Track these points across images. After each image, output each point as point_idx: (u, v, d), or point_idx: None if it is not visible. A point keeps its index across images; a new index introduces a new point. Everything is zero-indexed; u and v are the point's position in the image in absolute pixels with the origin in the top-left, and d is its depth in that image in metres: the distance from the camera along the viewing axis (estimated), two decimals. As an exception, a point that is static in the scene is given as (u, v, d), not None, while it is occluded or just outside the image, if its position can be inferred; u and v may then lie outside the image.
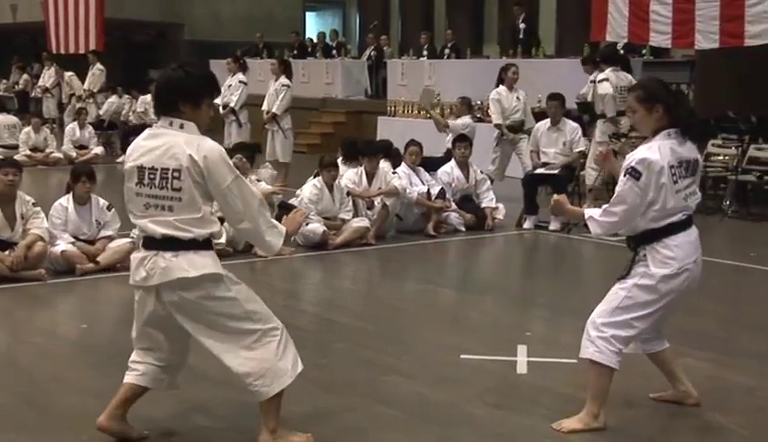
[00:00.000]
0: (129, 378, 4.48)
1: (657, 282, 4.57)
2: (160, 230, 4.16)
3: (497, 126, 12.51)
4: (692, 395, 5.04)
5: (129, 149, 4.29)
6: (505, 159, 12.55)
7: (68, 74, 20.37)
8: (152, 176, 4.12)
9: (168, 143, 4.11)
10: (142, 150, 4.18)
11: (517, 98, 12.51)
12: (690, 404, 5.01)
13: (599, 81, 11.42)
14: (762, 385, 5.49)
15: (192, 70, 4.26)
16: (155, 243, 4.21)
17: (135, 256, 4.33)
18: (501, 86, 12.58)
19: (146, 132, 4.28)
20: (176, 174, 4.08)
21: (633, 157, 4.57)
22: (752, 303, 7.62)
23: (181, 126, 4.15)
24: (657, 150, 4.54)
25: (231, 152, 9.65)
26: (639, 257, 4.64)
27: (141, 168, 4.15)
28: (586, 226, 4.88)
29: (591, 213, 4.72)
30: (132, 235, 8.92)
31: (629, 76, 11.62)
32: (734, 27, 12.27)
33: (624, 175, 4.54)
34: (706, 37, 12.61)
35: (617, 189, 4.60)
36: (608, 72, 11.50)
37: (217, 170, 4.11)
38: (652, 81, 4.87)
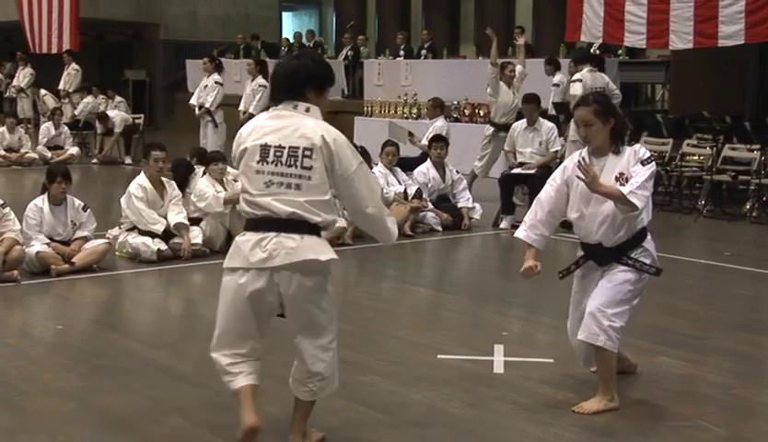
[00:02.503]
0: (243, 381, 4.28)
1: (656, 273, 5.00)
2: (287, 209, 4.05)
3: (492, 123, 12.52)
4: (633, 364, 5.55)
5: (245, 130, 4.22)
6: (494, 156, 12.48)
7: (42, 92, 20.22)
8: (278, 153, 4.07)
9: (294, 124, 4.10)
10: (265, 130, 4.13)
11: (515, 95, 12.49)
12: (630, 372, 5.49)
13: (571, 81, 11.46)
14: (735, 383, 5.53)
15: (318, 58, 4.34)
16: (277, 224, 4.06)
17: (245, 239, 4.12)
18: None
19: (266, 113, 4.25)
20: (307, 153, 4.05)
21: (642, 151, 4.89)
22: (727, 302, 7.67)
23: (307, 110, 4.15)
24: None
25: (208, 158, 9.62)
26: (640, 252, 4.96)
27: (265, 146, 4.09)
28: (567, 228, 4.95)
29: (628, 191, 4.77)
30: (107, 235, 8.91)
31: (606, 77, 11.67)
32: (708, 27, 12.37)
33: (646, 164, 4.82)
34: (680, 37, 12.70)
35: (642, 173, 4.79)
36: (584, 73, 11.53)
37: (346, 155, 4.13)
38: (602, 96, 5.17)
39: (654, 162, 4.90)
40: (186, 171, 9.57)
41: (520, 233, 5.14)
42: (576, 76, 11.45)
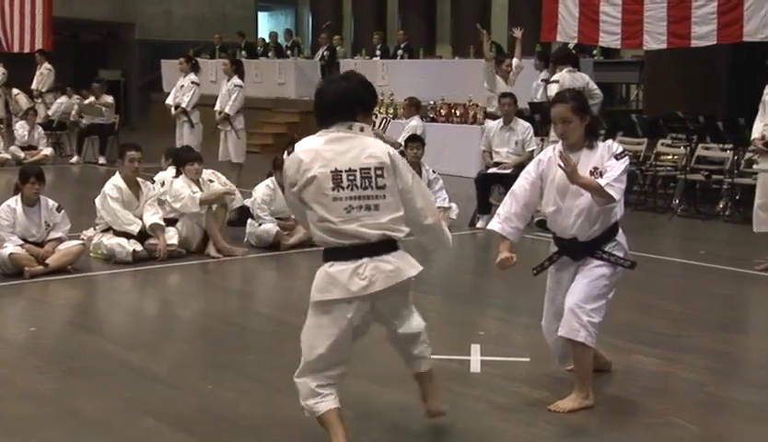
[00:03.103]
0: (332, 403, 4.26)
1: (629, 266, 5.03)
2: (376, 232, 4.13)
3: (493, 117, 12.51)
4: (608, 362, 5.57)
5: (305, 156, 4.16)
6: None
7: (15, 91, 20.05)
8: (351, 177, 4.11)
9: (358, 145, 4.17)
10: (329, 155, 4.13)
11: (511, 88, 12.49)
12: (606, 370, 5.52)
13: (550, 82, 11.50)
14: (710, 380, 5.56)
15: (365, 80, 4.40)
16: (368, 248, 4.13)
17: (340, 268, 4.14)
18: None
19: (321, 138, 4.21)
20: (378, 172, 4.14)
21: (615, 146, 4.98)
22: (701, 300, 7.72)
23: (362, 129, 4.22)
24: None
25: (184, 158, 9.57)
26: (613, 246, 5.00)
27: (336, 172, 4.10)
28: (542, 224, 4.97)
29: (605, 182, 4.83)
30: (82, 236, 8.85)
31: (585, 77, 11.74)
32: (681, 28, 12.45)
33: (620, 158, 4.89)
34: (654, 38, 12.78)
35: (617, 167, 4.86)
36: (563, 73, 11.60)
37: (404, 169, 4.28)
38: (579, 93, 5.24)
39: (627, 156, 4.97)
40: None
41: (495, 225, 5.13)
42: (555, 77, 11.51)
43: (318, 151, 4.15)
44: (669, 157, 12.55)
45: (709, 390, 5.41)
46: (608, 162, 4.89)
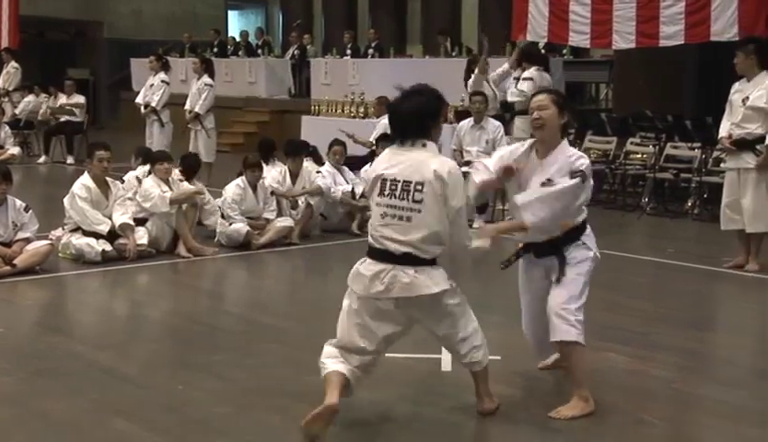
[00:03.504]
0: (342, 368, 4.54)
1: (597, 262, 5.06)
2: (399, 248, 4.41)
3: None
4: None
5: (376, 162, 4.68)
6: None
7: None
8: (393, 187, 4.40)
9: (414, 158, 4.41)
10: (386, 164, 4.48)
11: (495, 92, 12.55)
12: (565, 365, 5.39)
13: (523, 79, 11.53)
14: (679, 377, 5.61)
15: (433, 93, 4.53)
16: (393, 257, 4.46)
17: (367, 268, 4.49)
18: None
19: (395, 147, 4.52)
20: (419, 187, 4.35)
21: (580, 162, 4.83)
22: (670, 298, 7.78)
23: (424, 145, 4.43)
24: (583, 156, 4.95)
25: (154, 157, 9.52)
26: (580, 244, 4.99)
27: (384, 179, 4.44)
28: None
29: (526, 220, 4.77)
30: (50, 237, 8.77)
31: (549, 79, 11.84)
32: (649, 27, 12.53)
33: (574, 178, 4.77)
34: (623, 37, 12.85)
35: (562, 187, 4.76)
36: (533, 71, 11.68)
37: (454, 194, 4.40)
38: (560, 92, 5.32)
39: (583, 176, 4.79)
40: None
41: (478, 178, 4.98)
42: (526, 75, 11.58)
43: (387, 157, 4.50)
44: (639, 155, 12.64)
45: (679, 388, 5.45)
46: (561, 178, 4.80)
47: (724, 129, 8.51)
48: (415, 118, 4.44)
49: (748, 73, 8.28)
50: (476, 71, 12.07)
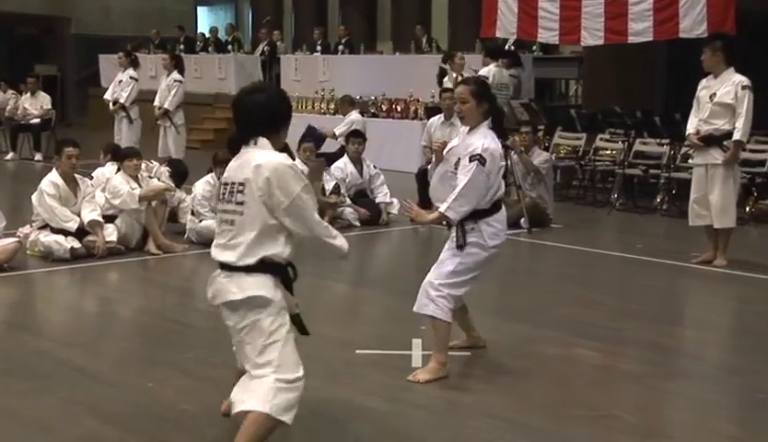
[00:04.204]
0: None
1: (487, 250, 5.27)
2: (220, 254, 4.18)
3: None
4: (482, 339, 5.87)
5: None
6: None
7: None
8: (223, 191, 4.10)
9: (249, 158, 4.02)
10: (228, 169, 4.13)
11: None
12: (480, 346, 5.84)
13: (480, 74, 11.58)
14: (649, 372, 5.65)
15: (272, 90, 4.31)
16: (221, 263, 4.18)
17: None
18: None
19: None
20: (240, 187, 3.99)
21: (475, 146, 5.17)
22: (639, 293, 7.83)
23: (255, 143, 4.04)
24: (493, 140, 5.24)
25: (123, 154, 9.47)
26: (469, 230, 5.23)
27: (222, 184, 4.15)
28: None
29: (444, 208, 5.18)
30: (18, 234, 8.70)
31: (506, 74, 12.05)
32: (617, 24, 12.62)
33: (471, 162, 5.13)
34: (592, 34, 12.94)
35: (464, 176, 5.13)
36: (491, 67, 11.81)
37: (282, 188, 3.97)
38: (481, 80, 5.60)
39: (480, 159, 5.11)
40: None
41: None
42: (482, 71, 11.68)
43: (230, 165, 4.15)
44: (608, 151, 12.73)
45: (649, 383, 5.49)
46: (463, 160, 5.19)
47: (691, 125, 8.57)
48: (253, 115, 4.04)
49: (715, 69, 8.35)
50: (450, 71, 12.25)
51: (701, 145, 8.45)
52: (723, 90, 8.26)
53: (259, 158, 3.95)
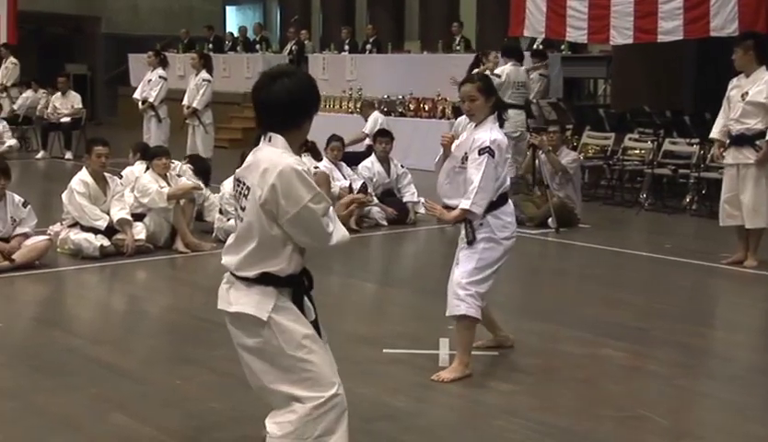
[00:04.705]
0: None
1: (501, 243, 5.32)
2: (226, 260, 3.72)
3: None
4: (510, 338, 5.88)
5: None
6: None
7: None
8: (238, 188, 3.68)
9: (260, 155, 3.62)
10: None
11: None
12: (508, 346, 5.84)
13: (492, 74, 11.55)
14: (677, 373, 5.61)
15: (299, 75, 3.70)
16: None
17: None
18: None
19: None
20: (246, 191, 3.61)
21: (483, 139, 5.23)
22: (668, 293, 7.78)
23: (270, 139, 3.61)
24: (499, 132, 5.32)
25: (152, 153, 9.52)
26: (478, 225, 5.27)
27: (235, 179, 3.72)
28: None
29: (467, 205, 5.21)
30: (49, 232, 8.77)
31: (524, 73, 12.10)
32: (647, 23, 12.53)
33: (480, 155, 5.20)
34: (621, 33, 12.85)
35: (476, 169, 5.18)
36: (507, 66, 11.82)
37: (287, 197, 3.52)
38: (483, 75, 5.63)
39: (489, 152, 5.18)
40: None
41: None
42: (497, 71, 11.67)
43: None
44: (637, 151, 12.65)
45: (678, 384, 5.45)
46: (471, 155, 5.24)
47: (717, 126, 8.52)
48: (276, 104, 3.57)
49: (746, 68, 8.28)
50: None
51: (722, 158, 8.46)
52: (755, 89, 8.19)
53: (266, 161, 3.52)
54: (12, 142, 17.06)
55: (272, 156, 3.54)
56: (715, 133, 8.60)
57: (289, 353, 3.56)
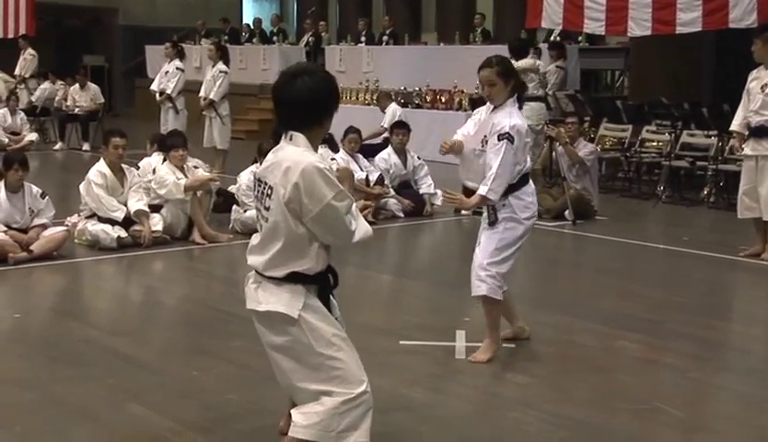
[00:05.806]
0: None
1: (522, 223, 5.36)
2: (253, 260, 3.80)
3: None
4: (527, 330, 5.88)
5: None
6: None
7: None
8: (259, 187, 3.69)
9: (280, 155, 3.63)
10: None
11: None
12: (524, 338, 5.84)
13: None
14: (693, 365, 5.59)
15: (320, 73, 3.74)
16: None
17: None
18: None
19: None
20: (269, 190, 3.62)
21: (503, 124, 5.23)
22: (685, 286, 7.75)
23: (291, 138, 3.64)
24: (518, 116, 5.31)
25: (169, 144, 9.53)
26: (500, 206, 5.32)
27: (256, 179, 3.74)
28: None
29: (485, 191, 5.25)
30: (66, 223, 8.82)
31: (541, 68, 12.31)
32: (666, 14, 12.46)
33: (500, 140, 5.20)
34: (639, 24, 12.79)
35: (495, 155, 5.20)
36: (523, 61, 11.95)
37: (311, 194, 3.57)
38: (505, 59, 5.54)
39: (509, 138, 5.18)
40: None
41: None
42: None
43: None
44: (654, 143, 12.61)
45: (693, 376, 5.43)
46: (491, 139, 5.26)
47: (738, 118, 8.49)
48: (297, 103, 3.60)
49: (765, 60, 8.25)
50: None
51: (741, 150, 8.43)
52: (775, 81, 8.16)
53: (288, 160, 3.54)
54: (33, 136, 17.15)
55: (293, 154, 3.57)
56: (735, 125, 8.57)
57: (319, 350, 3.62)
